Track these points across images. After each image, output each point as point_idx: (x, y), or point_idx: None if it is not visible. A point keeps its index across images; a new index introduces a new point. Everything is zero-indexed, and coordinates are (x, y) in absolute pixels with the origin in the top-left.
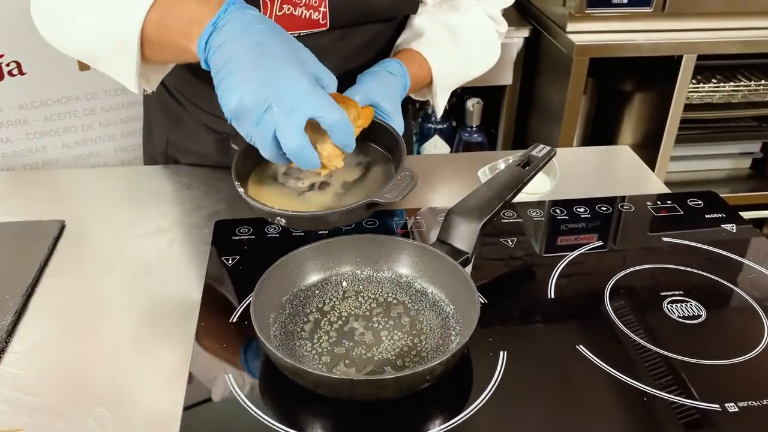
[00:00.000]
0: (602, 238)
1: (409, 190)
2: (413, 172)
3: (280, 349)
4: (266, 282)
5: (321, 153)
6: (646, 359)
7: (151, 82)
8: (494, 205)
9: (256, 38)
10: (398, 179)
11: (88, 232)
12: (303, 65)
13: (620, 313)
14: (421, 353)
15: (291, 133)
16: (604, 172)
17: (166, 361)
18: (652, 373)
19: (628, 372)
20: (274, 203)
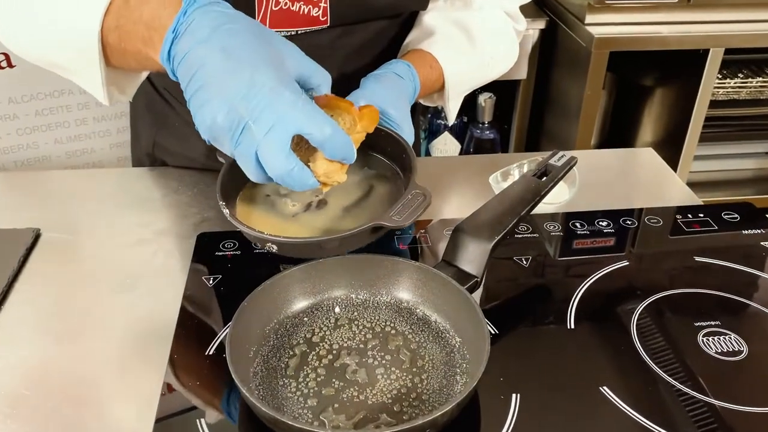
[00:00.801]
0: (628, 256)
1: (421, 212)
2: (426, 191)
3: (260, 389)
4: (247, 310)
5: (316, 171)
6: (679, 404)
7: (126, 92)
8: (507, 222)
9: (224, 41)
10: (408, 198)
11: (65, 242)
12: (282, 68)
13: (649, 348)
14: (421, 396)
15: (274, 155)
16: (627, 178)
17: (138, 393)
18: (687, 422)
19: (660, 420)
20: (264, 226)
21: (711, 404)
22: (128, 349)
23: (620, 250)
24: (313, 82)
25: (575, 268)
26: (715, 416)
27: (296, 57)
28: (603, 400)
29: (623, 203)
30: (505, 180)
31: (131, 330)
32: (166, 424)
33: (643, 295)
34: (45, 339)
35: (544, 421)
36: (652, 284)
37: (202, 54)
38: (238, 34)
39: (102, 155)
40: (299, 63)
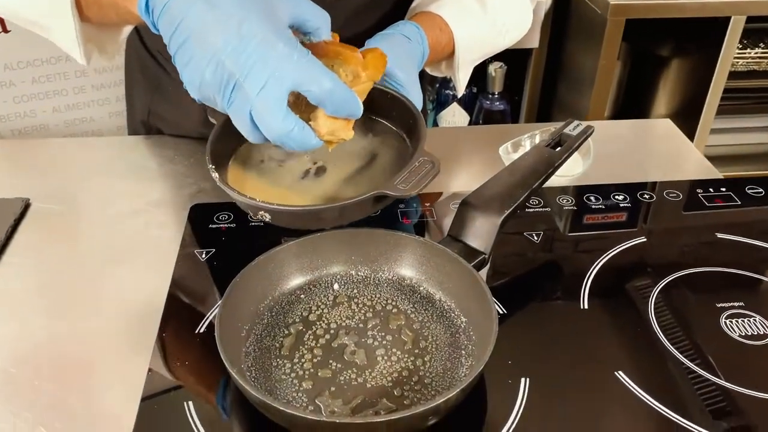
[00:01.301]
0: (645, 232)
1: (429, 181)
2: (434, 158)
3: (252, 370)
4: (239, 286)
5: (318, 129)
6: (699, 391)
7: (107, 50)
8: (517, 196)
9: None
10: (415, 166)
11: (55, 213)
12: (273, 16)
13: (668, 330)
14: (424, 379)
15: (269, 115)
16: (643, 150)
17: (126, 371)
18: (708, 409)
19: (678, 408)
20: (258, 193)
21: (734, 392)
22: (117, 326)
23: (637, 226)
24: (309, 26)
25: (589, 244)
26: (739, 405)
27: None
28: (618, 386)
29: (640, 176)
30: (516, 151)
31: (120, 305)
32: (153, 403)
33: (662, 274)
34: (32, 314)
35: (554, 408)
36: (671, 262)
37: (183, 4)
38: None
39: (101, 124)
40: (293, 6)
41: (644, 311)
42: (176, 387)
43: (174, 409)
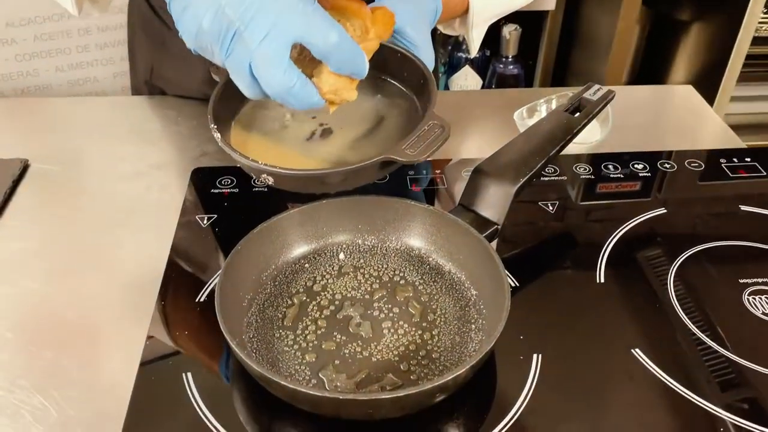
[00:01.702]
0: (665, 203)
1: (438, 146)
2: (444, 122)
3: (253, 341)
4: (241, 254)
5: (321, 87)
6: (720, 371)
7: (98, 2)
8: (533, 163)
9: None
10: (424, 131)
11: (54, 174)
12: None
13: (688, 307)
14: (431, 354)
15: (269, 68)
16: (663, 118)
17: (125, 338)
18: (731, 392)
19: (697, 387)
20: (261, 155)
21: (758, 373)
22: (116, 291)
23: (657, 196)
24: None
25: (606, 214)
26: (762, 386)
27: None
28: (634, 364)
29: (660, 144)
30: (531, 117)
31: (120, 270)
32: (151, 373)
33: (682, 247)
34: (30, 278)
35: (567, 386)
36: (692, 235)
37: None
38: None
39: (105, 85)
40: None
41: (663, 286)
42: (175, 357)
43: (172, 379)
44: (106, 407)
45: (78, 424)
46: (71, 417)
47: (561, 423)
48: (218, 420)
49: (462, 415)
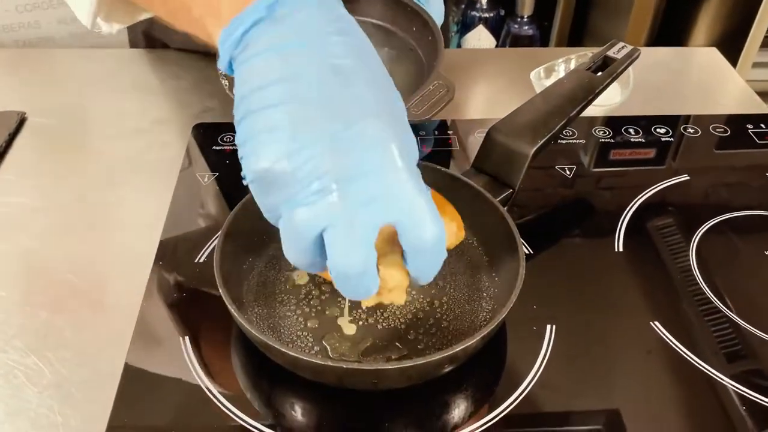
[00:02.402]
0: (689, 170)
1: (442, 107)
2: (450, 83)
3: (254, 305)
4: (242, 214)
5: (384, 278)
6: (747, 348)
7: (112, 26)
8: (553, 124)
9: (336, 59)
10: (429, 90)
11: (52, 128)
12: (395, 126)
13: (711, 279)
14: (440, 323)
15: (350, 244)
16: (686, 81)
17: (120, 300)
18: (756, 369)
19: (721, 365)
20: None
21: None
22: (113, 251)
23: (680, 162)
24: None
25: (626, 180)
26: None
27: (402, 112)
28: (654, 338)
29: (682, 108)
30: (549, 77)
31: (118, 230)
32: (147, 336)
33: (705, 216)
34: (25, 236)
35: (582, 359)
36: (717, 203)
37: (301, 60)
38: (351, 52)
39: (110, 38)
40: (404, 122)
41: (685, 256)
42: (172, 320)
43: (169, 344)
44: (100, 369)
45: (72, 385)
46: (65, 378)
47: (574, 398)
48: (216, 386)
49: (470, 386)
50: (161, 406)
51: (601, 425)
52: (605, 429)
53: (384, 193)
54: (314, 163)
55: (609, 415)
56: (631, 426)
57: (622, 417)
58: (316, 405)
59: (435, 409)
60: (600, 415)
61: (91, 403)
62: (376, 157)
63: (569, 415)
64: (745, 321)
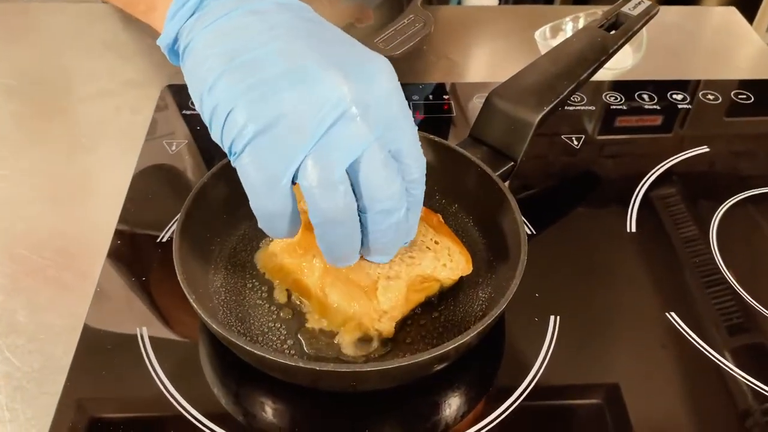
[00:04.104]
0: (708, 140)
1: (415, 42)
2: (427, 17)
3: (221, 292)
4: (210, 187)
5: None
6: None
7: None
8: (561, 89)
9: (306, 13)
10: (404, 24)
11: (14, 90)
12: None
13: (733, 263)
14: (430, 312)
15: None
16: (703, 42)
17: (77, 284)
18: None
19: (744, 362)
20: None
21: None
22: (72, 227)
23: (698, 132)
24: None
25: (639, 152)
26: None
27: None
28: (669, 330)
29: (700, 72)
30: (555, 37)
31: (78, 203)
32: (99, 327)
33: (727, 193)
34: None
35: (589, 354)
36: (740, 178)
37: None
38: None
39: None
40: None
41: (705, 237)
42: (129, 307)
43: (124, 334)
44: (55, 357)
45: (23, 375)
46: (16, 368)
47: (581, 398)
48: (174, 384)
49: (463, 385)
50: (114, 409)
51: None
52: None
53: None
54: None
55: (620, 411)
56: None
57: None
58: (290, 405)
59: (421, 411)
60: (610, 410)
61: (43, 396)
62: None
63: (577, 418)
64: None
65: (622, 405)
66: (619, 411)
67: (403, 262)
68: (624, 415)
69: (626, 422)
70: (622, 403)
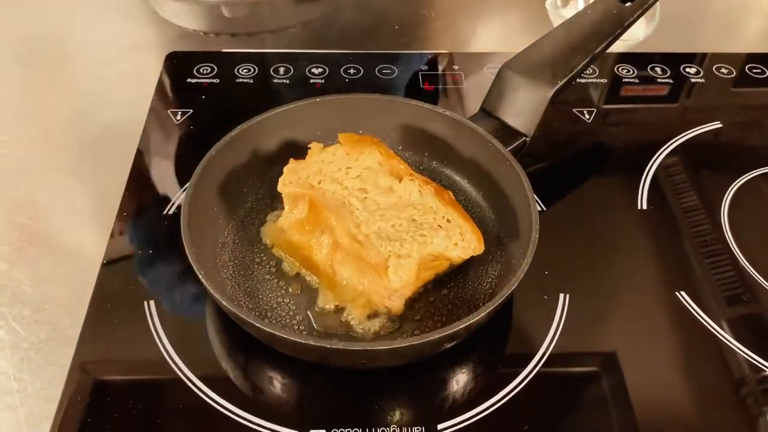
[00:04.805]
0: (722, 116)
1: None
2: None
3: (229, 266)
4: (216, 161)
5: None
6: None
7: None
8: (575, 62)
9: None
10: None
11: (18, 56)
12: None
13: (745, 243)
14: (440, 290)
15: None
16: (717, 14)
17: (83, 254)
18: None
19: (754, 343)
20: None
21: None
22: (76, 197)
23: (712, 107)
24: None
25: (651, 127)
26: None
27: None
28: (679, 310)
29: (713, 45)
30: (566, 6)
31: (83, 172)
32: (107, 300)
33: (740, 169)
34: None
35: (598, 332)
36: (754, 155)
37: None
38: None
39: None
40: None
41: (716, 216)
42: (136, 281)
43: (132, 308)
44: (61, 328)
45: (30, 346)
46: (22, 338)
47: (588, 384)
48: (182, 357)
49: (471, 363)
50: (123, 382)
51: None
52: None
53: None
54: None
55: (621, 405)
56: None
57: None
58: (298, 379)
59: (430, 387)
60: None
61: (50, 368)
62: None
63: (583, 398)
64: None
65: (633, 380)
66: (628, 395)
67: (414, 241)
68: (627, 405)
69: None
70: (633, 378)
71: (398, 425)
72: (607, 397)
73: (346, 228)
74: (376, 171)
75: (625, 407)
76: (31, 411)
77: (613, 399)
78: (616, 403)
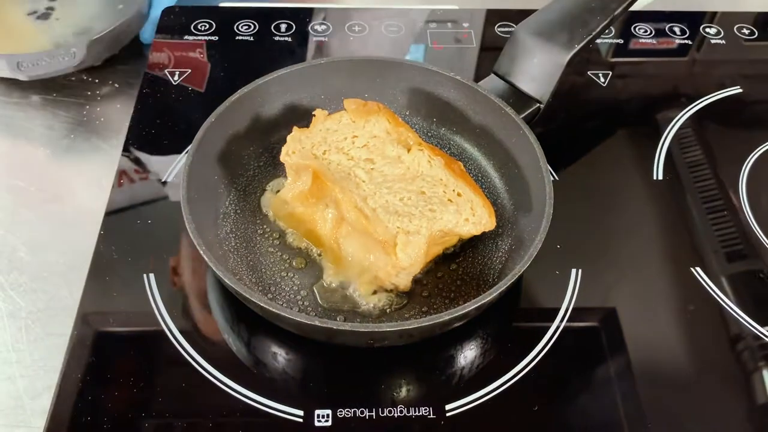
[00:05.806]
0: (742, 80)
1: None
2: None
3: (230, 238)
4: (216, 127)
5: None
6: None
7: None
8: (594, 24)
9: None
10: None
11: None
12: None
13: (764, 216)
14: (448, 264)
15: None
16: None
17: (81, 220)
18: None
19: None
20: None
21: None
22: (74, 158)
23: (733, 70)
24: None
25: (668, 92)
26: None
27: None
28: (694, 286)
29: (733, 4)
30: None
31: (79, 134)
32: (105, 273)
33: (760, 138)
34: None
35: (611, 308)
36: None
37: None
38: None
39: None
40: None
41: (734, 187)
42: (134, 253)
43: (131, 282)
44: (60, 296)
45: (28, 315)
46: (20, 307)
47: (603, 357)
48: (183, 334)
49: (480, 340)
50: (125, 366)
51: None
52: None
53: None
54: None
55: (633, 384)
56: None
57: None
58: (303, 356)
59: (437, 365)
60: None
61: (49, 338)
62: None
63: (597, 375)
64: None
65: (647, 360)
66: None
67: (423, 216)
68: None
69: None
70: (648, 359)
71: (406, 405)
72: (620, 376)
73: (352, 201)
74: (384, 140)
75: (637, 385)
76: (30, 382)
77: (625, 378)
78: (628, 383)
